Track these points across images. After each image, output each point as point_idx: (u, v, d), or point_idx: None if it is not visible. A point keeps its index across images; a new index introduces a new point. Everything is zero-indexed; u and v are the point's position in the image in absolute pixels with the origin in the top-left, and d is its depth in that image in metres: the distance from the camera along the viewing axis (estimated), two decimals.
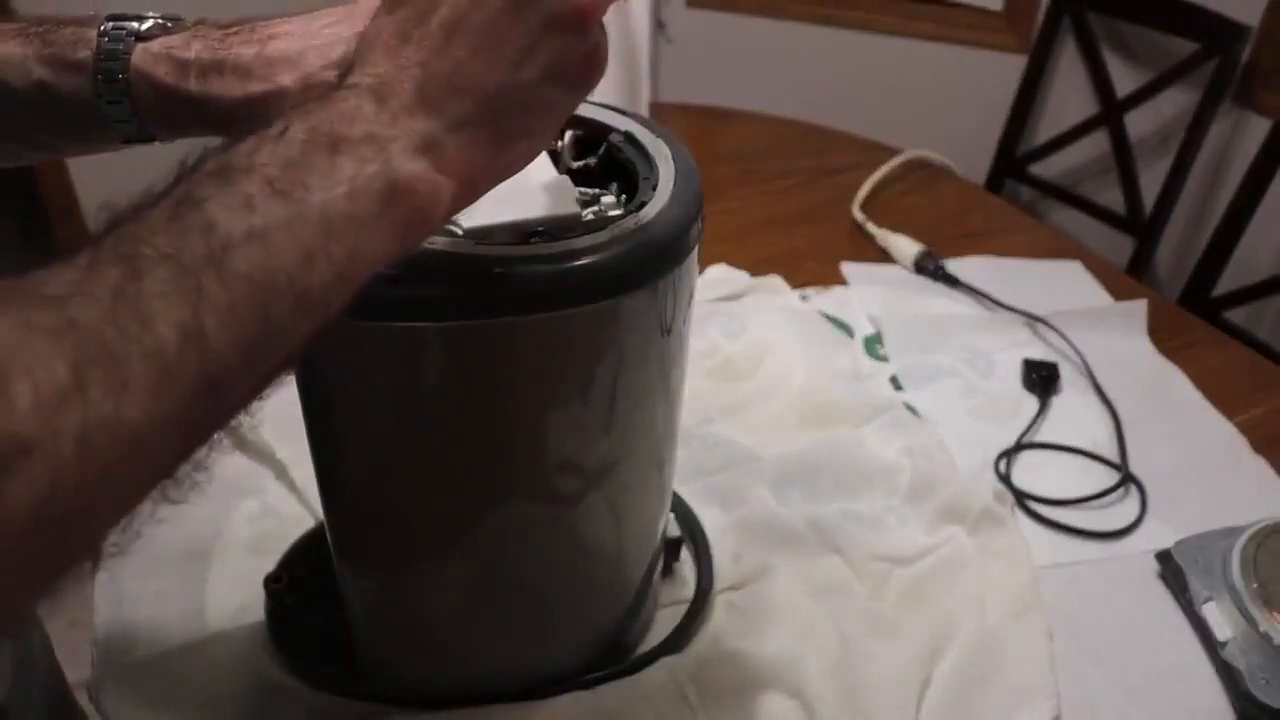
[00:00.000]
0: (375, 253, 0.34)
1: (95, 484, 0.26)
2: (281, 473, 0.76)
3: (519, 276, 0.42)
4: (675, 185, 0.48)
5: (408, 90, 0.35)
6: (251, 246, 0.30)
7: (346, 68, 0.37)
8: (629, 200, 0.48)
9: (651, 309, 0.47)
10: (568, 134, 0.53)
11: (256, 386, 0.32)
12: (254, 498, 0.75)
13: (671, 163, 0.50)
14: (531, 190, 0.47)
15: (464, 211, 0.43)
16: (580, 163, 0.53)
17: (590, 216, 0.46)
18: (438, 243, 0.43)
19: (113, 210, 0.30)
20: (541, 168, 0.49)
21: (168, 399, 0.27)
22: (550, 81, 0.37)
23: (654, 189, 0.48)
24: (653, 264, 0.46)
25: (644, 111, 1.20)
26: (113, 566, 0.69)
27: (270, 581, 0.65)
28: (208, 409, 0.29)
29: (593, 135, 0.53)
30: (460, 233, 0.44)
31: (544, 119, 0.39)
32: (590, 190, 0.50)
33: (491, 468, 0.50)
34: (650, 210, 0.46)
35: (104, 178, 0.33)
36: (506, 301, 0.43)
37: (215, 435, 0.31)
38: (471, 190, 0.38)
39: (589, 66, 0.38)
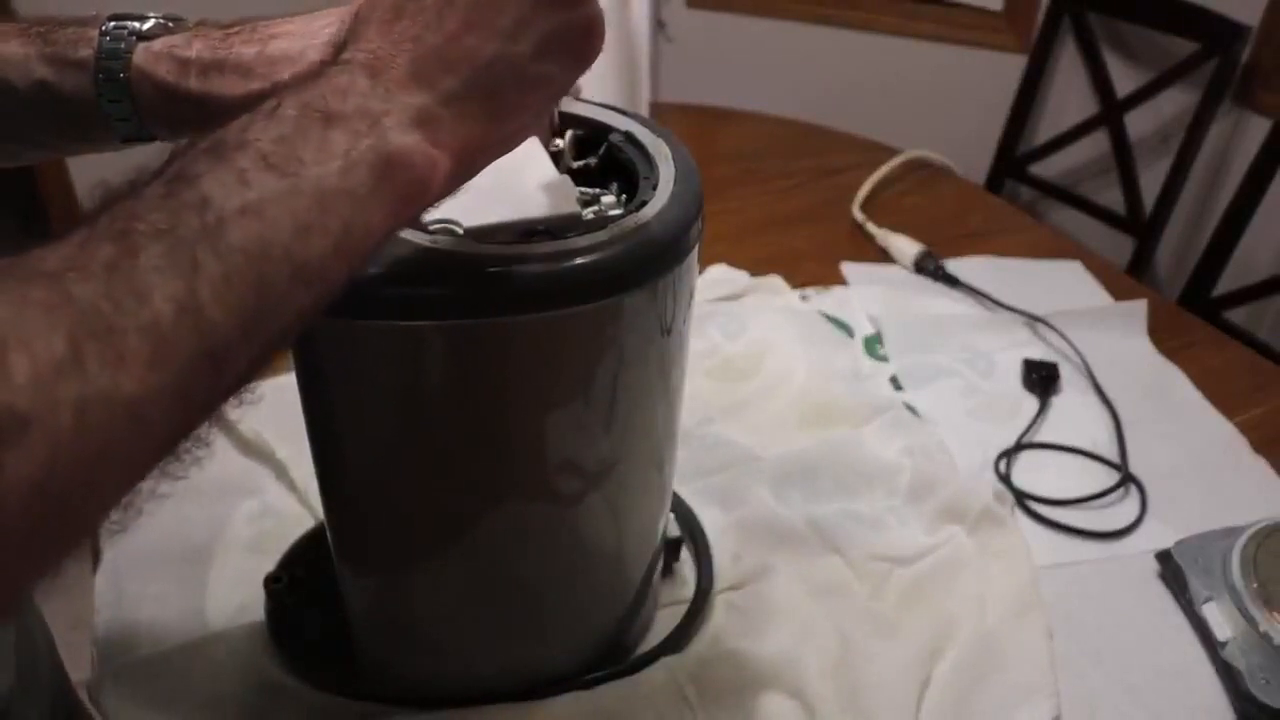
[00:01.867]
0: (371, 226, 0.33)
1: (95, 458, 0.26)
2: (281, 473, 0.76)
3: (519, 275, 0.42)
4: (675, 185, 0.48)
5: (401, 65, 0.35)
6: (246, 220, 0.30)
7: (340, 46, 0.37)
8: (629, 200, 0.48)
9: (651, 309, 0.47)
10: (568, 134, 0.53)
11: (256, 359, 0.31)
12: (254, 498, 0.75)
13: (671, 163, 0.50)
14: (532, 190, 0.47)
15: (465, 211, 0.44)
16: (580, 162, 0.53)
17: (590, 216, 0.46)
18: (439, 242, 0.43)
19: (107, 188, 0.30)
20: (542, 167, 0.49)
21: (165, 372, 0.27)
22: (545, 55, 0.37)
23: (654, 189, 0.48)
24: (653, 264, 0.46)
25: (644, 111, 1.20)
26: (113, 567, 0.69)
27: (270, 581, 0.64)
28: (206, 382, 0.29)
29: (593, 135, 0.53)
30: (461, 232, 0.44)
31: (540, 94, 0.39)
32: (590, 190, 0.50)
33: (491, 467, 0.50)
34: (650, 210, 0.46)
35: (104, 177, 0.32)
36: (507, 300, 0.43)
37: (216, 409, 0.31)
38: (468, 165, 0.38)
39: (584, 40, 0.38)
